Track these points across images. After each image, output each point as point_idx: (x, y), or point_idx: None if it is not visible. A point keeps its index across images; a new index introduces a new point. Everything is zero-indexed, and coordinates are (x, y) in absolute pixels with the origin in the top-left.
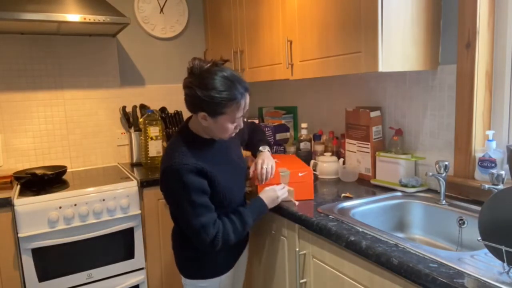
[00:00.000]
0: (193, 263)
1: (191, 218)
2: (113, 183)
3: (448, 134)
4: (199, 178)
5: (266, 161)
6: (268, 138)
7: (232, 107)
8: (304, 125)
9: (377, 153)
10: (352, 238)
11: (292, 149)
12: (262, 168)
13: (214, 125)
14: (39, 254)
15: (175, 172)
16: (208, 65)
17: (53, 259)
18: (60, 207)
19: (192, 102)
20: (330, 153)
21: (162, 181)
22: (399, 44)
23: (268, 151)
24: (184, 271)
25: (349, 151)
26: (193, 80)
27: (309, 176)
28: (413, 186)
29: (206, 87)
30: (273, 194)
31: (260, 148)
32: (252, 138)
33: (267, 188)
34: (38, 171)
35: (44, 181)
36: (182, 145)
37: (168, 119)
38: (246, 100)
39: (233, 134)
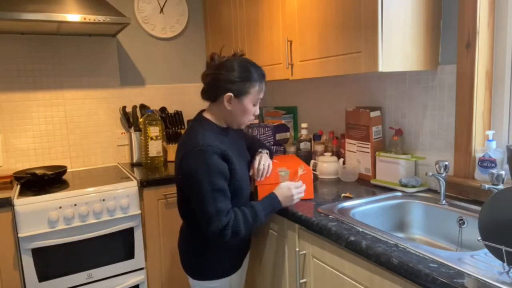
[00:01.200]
0: (201, 263)
1: (208, 202)
2: (113, 183)
3: (448, 134)
4: (222, 161)
5: (264, 159)
6: (268, 138)
7: (255, 87)
8: (304, 125)
9: (377, 153)
10: (352, 238)
11: (292, 149)
12: (259, 164)
13: (237, 106)
14: (39, 254)
15: (200, 152)
16: (227, 57)
17: (53, 259)
18: (60, 207)
19: (217, 86)
20: (330, 153)
21: (182, 165)
22: (399, 44)
23: (267, 153)
24: (193, 273)
25: (349, 151)
26: (215, 67)
27: (308, 175)
28: (413, 186)
29: (233, 69)
30: (287, 192)
31: (259, 150)
32: (253, 144)
33: (282, 185)
34: (38, 171)
35: (44, 181)
36: (202, 130)
37: (168, 119)
38: (264, 84)
39: (249, 122)
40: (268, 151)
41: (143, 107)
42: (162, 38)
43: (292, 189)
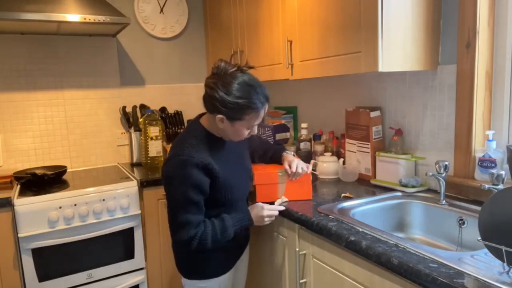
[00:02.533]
0: (192, 262)
1: (179, 212)
2: (113, 183)
3: (448, 134)
4: (201, 175)
5: (296, 162)
6: (268, 138)
7: (250, 115)
8: (304, 125)
9: (377, 153)
10: (352, 238)
11: (292, 149)
12: (297, 168)
13: (230, 128)
14: (39, 254)
15: (181, 162)
16: (233, 69)
17: (53, 259)
18: (60, 207)
19: (212, 103)
20: (330, 153)
21: (163, 168)
22: (399, 44)
23: (293, 154)
24: (183, 271)
25: (349, 151)
26: (216, 81)
27: (307, 176)
28: (413, 186)
29: (228, 92)
30: (259, 211)
31: (283, 152)
32: (270, 149)
33: (257, 204)
34: (38, 171)
35: (44, 181)
36: (192, 138)
37: (168, 119)
38: (265, 109)
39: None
40: (293, 153)
41: (143, 107)
42: (162, 38)
43: (265, 210)
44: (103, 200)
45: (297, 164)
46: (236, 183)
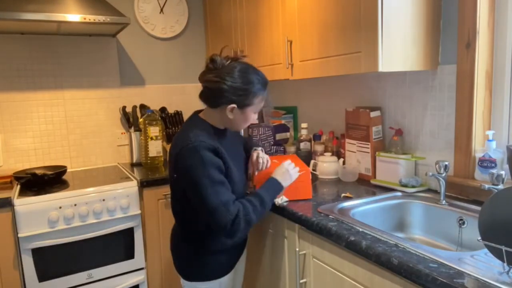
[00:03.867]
0: (193, 264)
1: (210, 196)
2: (113, 183)
3: (448, 134)
4: (215, 156)
5: (262, 154)
6: (268, 138)
7: (259, 98)
8: (304, 125)
9: (377, 153)
10: (352, 238)
11: (292, 149)
12: (258, 157)
13: (239, 116)
14: (39, 254)
15: (193, 149)
16: (229, 61)
17: (53, 259)
18: (60, 207)
19: (219, 95)
20: (330, 153)
21: (177, 164)
22: (399, 44)
23: (262, 150)
24: (183, 273)
25: (349, 151)
26: (218, 74)
27: (307, 175)
28: (413, 186)
29: (235, 80)
30: (280, 169)
31: (254, 147)
32: (247, 143)
33: (275, 170)
34: (38, 171)
35: (44, 181)
36: (195, 129)
37: (168, 119)
38: (266, 91)
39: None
40: (262, 149)
41: (143, 107)
42: (162, 38)
43: (285, 165)
44: (103, 200)
45: (257, 155)
46: (237, 176)
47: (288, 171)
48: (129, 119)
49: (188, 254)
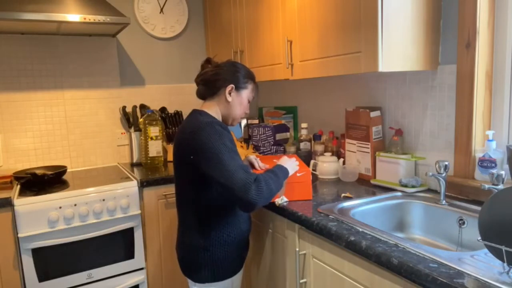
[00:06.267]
0: (207, 265)
1: (230, 161)
2: (113, 183)
3: (448, 134)
4: (226, 132)
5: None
6: (268, 138)
7: (252, 85)
8: (304, 125)
9: (377, 153)
10: (352, 238)
11: (292, 149)
12: (251, 158)
13: (236, 98)
14: (39, 254)
15: (207, 124)
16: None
17: (53, 259)
18: (60, 207)
19: (218, 79)
20: (330, 153)
21: (191, 144)
22: (399, 44)
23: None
24: (195, 275)
25: (349, 151)
26: (216, 66)
27: (307, 176)
28: (413, 186)
29: (231, 68)
30: (282, 159)
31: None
32: None
33: (278, 160)
34: (38, 171)
35: (44, 181)
36: (202, 117)
37: (168, 119)
38: (256, 86)
39: (241, 118)
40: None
41: (143, 107)
42: (162, 38)
43: (285, 157)
44: (103, 200)
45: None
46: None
47: (289, 161)
48: (129, 119)
49: (203, 256)
